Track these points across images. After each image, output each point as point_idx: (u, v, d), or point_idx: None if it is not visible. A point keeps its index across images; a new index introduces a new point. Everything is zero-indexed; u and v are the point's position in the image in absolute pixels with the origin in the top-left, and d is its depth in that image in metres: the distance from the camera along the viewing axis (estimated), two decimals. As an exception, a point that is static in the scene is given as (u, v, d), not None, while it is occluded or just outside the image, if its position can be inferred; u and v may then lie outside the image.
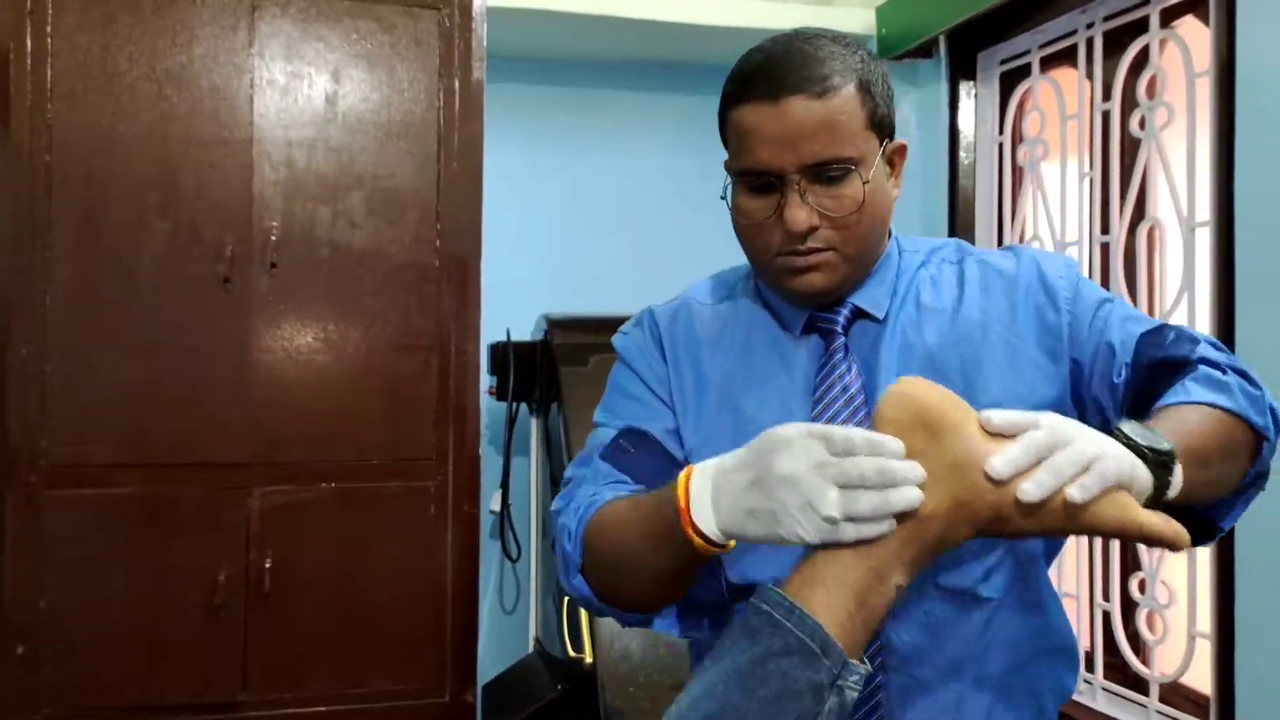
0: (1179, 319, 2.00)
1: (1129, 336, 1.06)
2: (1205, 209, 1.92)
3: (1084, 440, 0.81)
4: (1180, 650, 2.00)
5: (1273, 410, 1.02)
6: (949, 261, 1.16)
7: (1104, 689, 2.21)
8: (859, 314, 1.11)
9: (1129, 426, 0.86)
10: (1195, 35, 1.99)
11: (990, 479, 0.80)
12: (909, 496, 0.80)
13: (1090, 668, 2.24)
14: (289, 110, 2.33)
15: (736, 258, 1.17)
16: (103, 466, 2.22)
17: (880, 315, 1.11)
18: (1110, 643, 2.18)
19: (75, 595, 2.21)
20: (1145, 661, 2.10)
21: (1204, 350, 1.03)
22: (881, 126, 1.06)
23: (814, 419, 1.07)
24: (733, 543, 0.91)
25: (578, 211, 3.05)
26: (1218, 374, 1.01)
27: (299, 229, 2.33)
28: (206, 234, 2.28)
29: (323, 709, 2.33)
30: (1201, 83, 1.96)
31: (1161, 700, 2.06)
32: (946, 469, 0.82)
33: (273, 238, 2.31)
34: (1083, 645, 2.25)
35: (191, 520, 2.28)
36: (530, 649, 2.69)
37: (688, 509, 0.90)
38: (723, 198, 1.09)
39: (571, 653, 2.16)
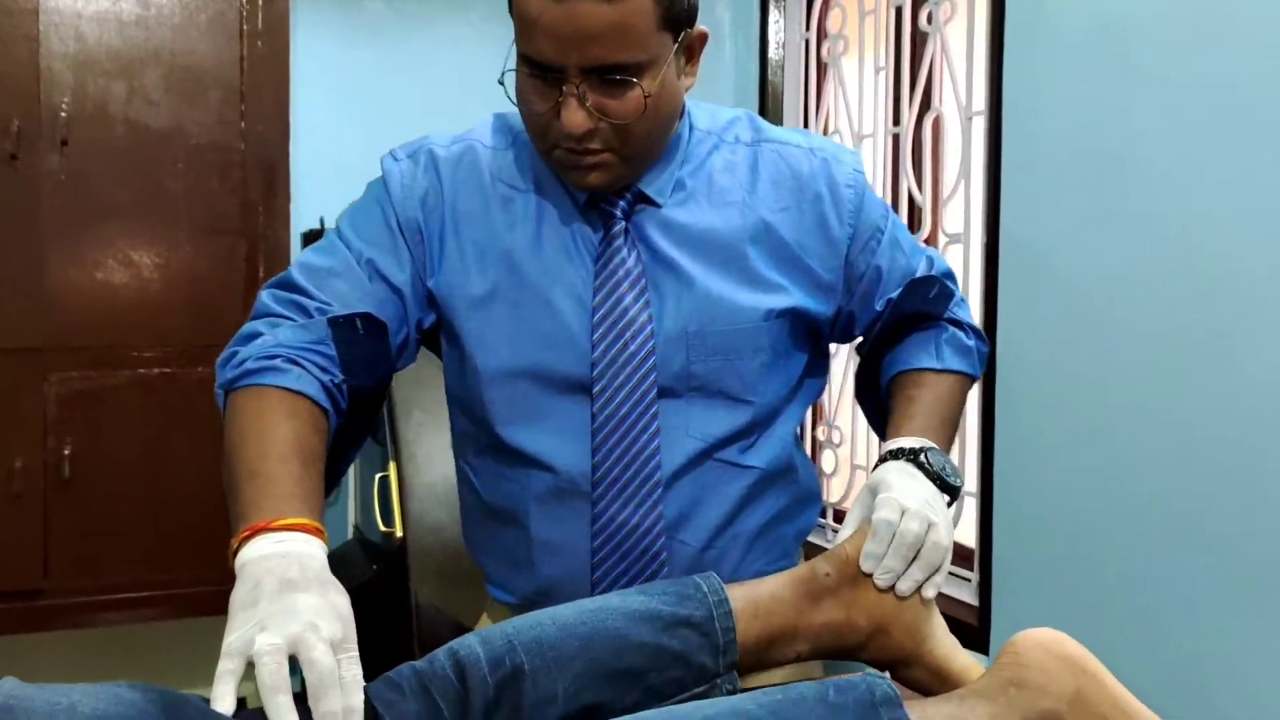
0: (956, 205, 2.13)
1: (894, 265, 1.20)
2: (981, 99, 2.05)
3: (939, 533, 0.99)
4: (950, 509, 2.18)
5: (981, 355, 1.25)
6: (743, 143, 1.19)
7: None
8: (642, 198, 1.14)
9: (935, 458, 1.05)
10: (978, -66, 2.10)
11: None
12: (284, 712, 0.76)
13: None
14: (77, -21, 2.22)
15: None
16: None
17: (663, 201, 1.14)
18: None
19: None
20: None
21: (955, 311, 1.23)
22: (678, 21, 1.05)
23: (596, 302, 1.11)
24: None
25: (395, 98, 3.00)
26: (963, 337, 1.22)
27: (91, 106, 2.24)
28: (-12, 108, 2.17)
29: (127, 595, 2.31)
30: (981, -21, 2.07)
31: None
32: (894, 601, 0.97)
33: (63, 114, 2.22)
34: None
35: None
36: (349, 536, 2.72)
37: (234, 549, 0.89)
38: (500, 81, 1.06)
39: (383, 527, 2.20)
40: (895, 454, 1.07)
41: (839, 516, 2.57)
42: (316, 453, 0.98)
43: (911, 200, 2.28)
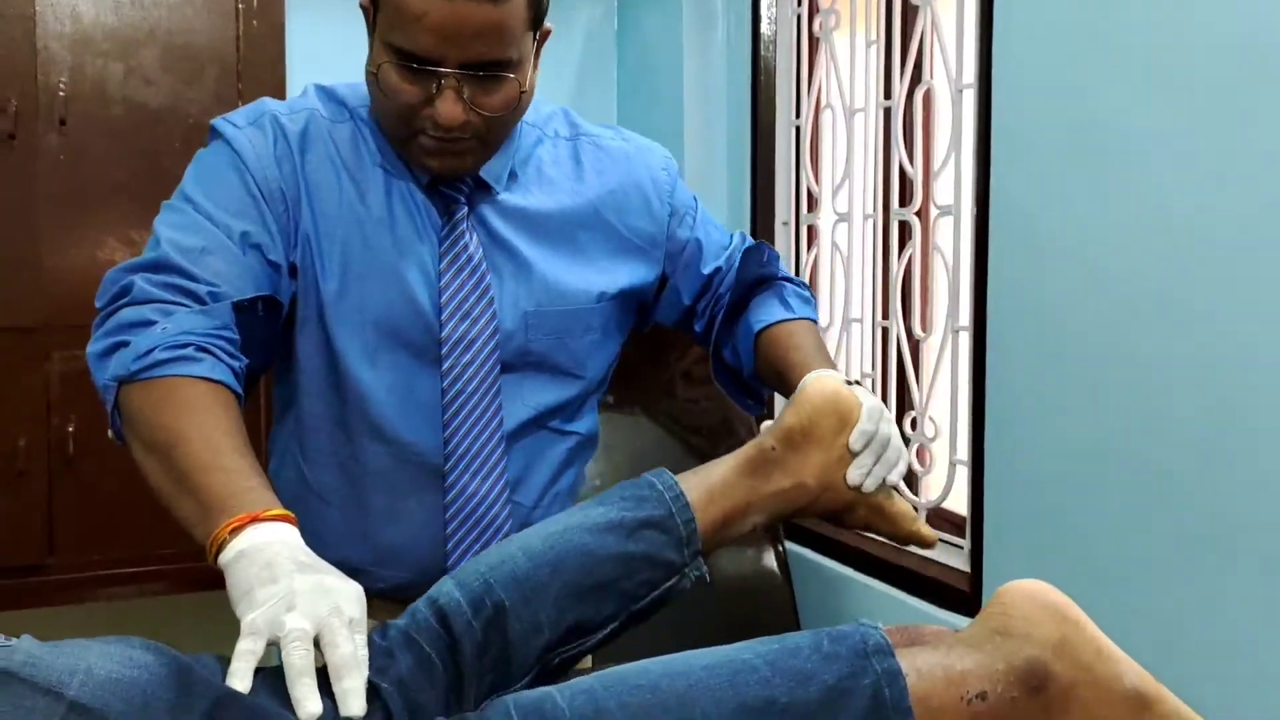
0: (946, 178, 2.16)
1: (709, 238, 1.35)
2: (971, 72, 2.07)
3: (896, 437, 1.14)
4: (943, 478, 2.21)
5: (814, 304, 1.41)
6: (563, 138, 1.28)
7: (881, 521, 2.42)
8: (480, 185, 1.19)
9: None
10: (968, -92, 2.12)
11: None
12: (310, 702, 0.78)
13: (870, 503, 2.45)
14: (72, -42, 2.23)
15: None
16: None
17: (499, 188, 1.20)
18: (887, 479, 2.40)
19: None
20: (915, 491, 2.31)
21: (783, 269, 1.39)
22: (539, 20, 1.11)
23: (444, 282, 1.16)
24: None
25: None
26: (800, 290, 1.38)
27: (89, 85, 2.26)
28: (-14, 88, 2.18)
29: (131, 570, 2.34)
30: (971, -47, 2.09)
31: (927, 522, 2.27)
32: (835, 460, 1.08)
33: (61, 93, 2.23)
34: (864, 484, 2.46)
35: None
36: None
37: (221, 539, 0.88)
38: (374, 72, 1.07)
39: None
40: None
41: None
42: (248, 442, 0.98)
43: (903, 172, 2.31)
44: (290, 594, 0.81)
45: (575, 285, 1.23)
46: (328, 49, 2.88)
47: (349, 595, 0.83)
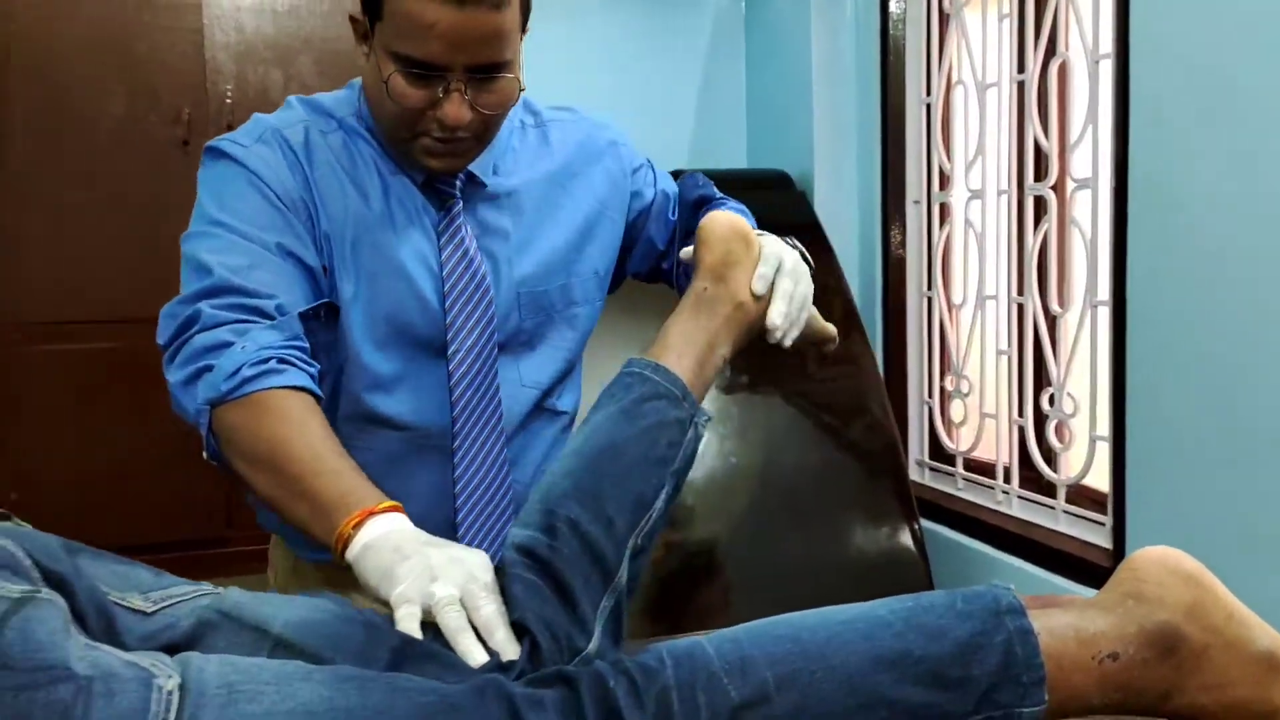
0: (1084, 150, 2.13)
1: (669, 187, 1.44)
2: (1108, 42, 2.04)
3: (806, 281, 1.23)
4: (1083, 454, 2.19)
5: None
6: (529, 125, 1.34)
7: (1019, 497, 2.41)
8: (471, 178, 1.26)
9: (794, 242, 1.27)
10: (1102, -125, 2.08)
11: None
12: (475, 651, 0.86)
13: (1007, 479, 2.45)
14: (235, -26, 2.40)
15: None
16: (77, 323, 2.35)
17: (487, 180, 1.27)
18: (1025, 456, 2.38)
19: (57, 446, 2.36)
20: (1054, 468, 2.30)
21: (717, 193, 1.43)
22: (525, 24, 1.17)
23: (445, 272, 1.24)
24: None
25: (543, 81, 3.11)
26: (738, 204, 1.43)
27: (253, 92, 2.42)
28: (163, 98, 2.37)
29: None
30: (1107, -79, 2.06)
31: (1068, 501, 2.27)
32: (756, 275, 1.18)
33: (228, 100, 2.40)
34: (1001, 460, 2.46)
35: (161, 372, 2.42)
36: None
37: (346, 534, 0.94)
38: (383, 81, 1.11)
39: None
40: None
41: (970, 465, 2.61)
42: (339, 442, 1.05)
43: (1038, 147, 2.28)
44: (430, 567, 0.89)
45: (562, 263, 1.32)
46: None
47: (479, 563, 0.92)
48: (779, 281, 1.19)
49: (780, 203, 2.80)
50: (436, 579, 0.89)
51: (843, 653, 0.81)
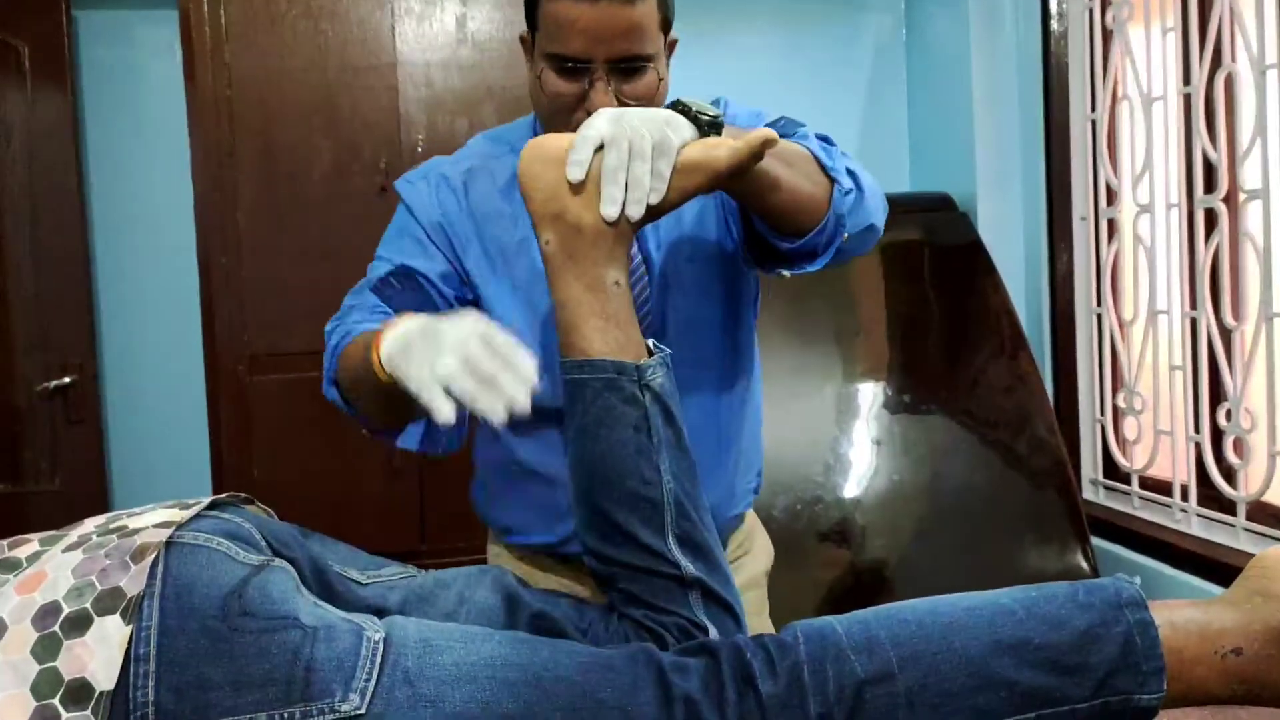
0: (1254, 163, 2.10)
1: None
2: (1274, 53, 2.01)
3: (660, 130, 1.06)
4: (1262, 470, 2.14)
5: (852, 173, 1.24)
6: None
7: (1198, 515, 2.36)
8: None
9: (686, 101, 1.11)
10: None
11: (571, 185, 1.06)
12: (494, 406, 0.93)
13: (1185, 497, 2.40)
14: (425, 35, 2.63)
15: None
16: (293, 354, 2.61)
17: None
18: (1202, 473, 2.33)
19: (279, 465, 2.63)
20: (1233, 485, 2.24)
21: (802, 130, 1.30)
22: (668, 24, 1.26)
23: None
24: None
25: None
26: (821, 139, 1.28)
27: (441, 139, 2.64)
28: (364, 151, 2.62)
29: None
30: (1271, -71, 2.03)
31: (1248, 518, 2.21)
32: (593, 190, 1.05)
33: (419, 149, 2.63)
34: (1178, 478, 2.41)
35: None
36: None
37: (379, 341, 1.04)
38: (536, 77, 1.24)
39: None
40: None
41: (1145, 483, 2.56)
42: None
43: (1206, 159, 2.25)
44: (438, 331, 0.97)
45: (707, 243, 1.33)
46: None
47: (484, 320, 0.98)
48: (601, 160, 1.05)
49: (943, 225, 2.83)
50: (442, 352, 0.95)
51: (964, 636, 0.88)
